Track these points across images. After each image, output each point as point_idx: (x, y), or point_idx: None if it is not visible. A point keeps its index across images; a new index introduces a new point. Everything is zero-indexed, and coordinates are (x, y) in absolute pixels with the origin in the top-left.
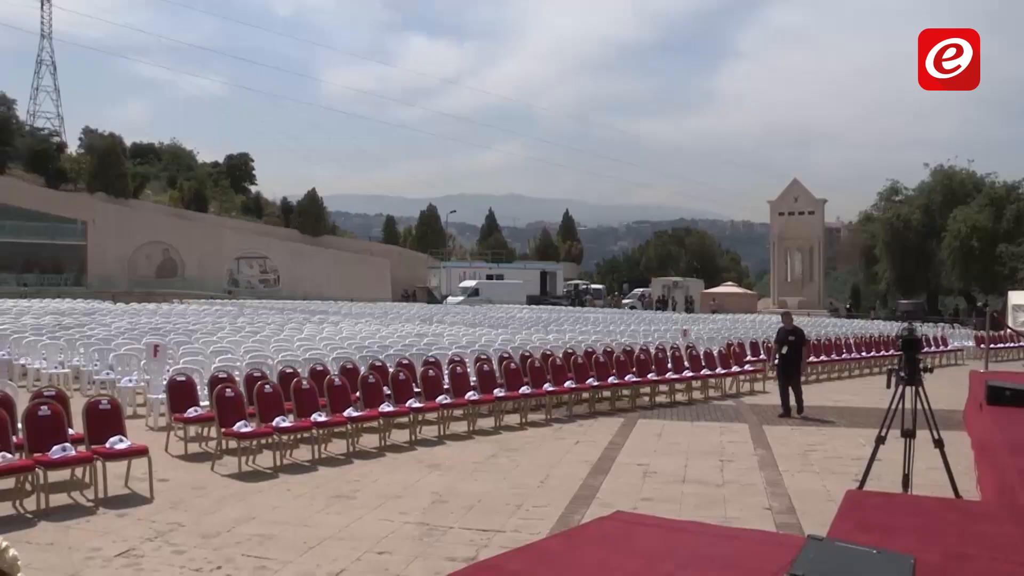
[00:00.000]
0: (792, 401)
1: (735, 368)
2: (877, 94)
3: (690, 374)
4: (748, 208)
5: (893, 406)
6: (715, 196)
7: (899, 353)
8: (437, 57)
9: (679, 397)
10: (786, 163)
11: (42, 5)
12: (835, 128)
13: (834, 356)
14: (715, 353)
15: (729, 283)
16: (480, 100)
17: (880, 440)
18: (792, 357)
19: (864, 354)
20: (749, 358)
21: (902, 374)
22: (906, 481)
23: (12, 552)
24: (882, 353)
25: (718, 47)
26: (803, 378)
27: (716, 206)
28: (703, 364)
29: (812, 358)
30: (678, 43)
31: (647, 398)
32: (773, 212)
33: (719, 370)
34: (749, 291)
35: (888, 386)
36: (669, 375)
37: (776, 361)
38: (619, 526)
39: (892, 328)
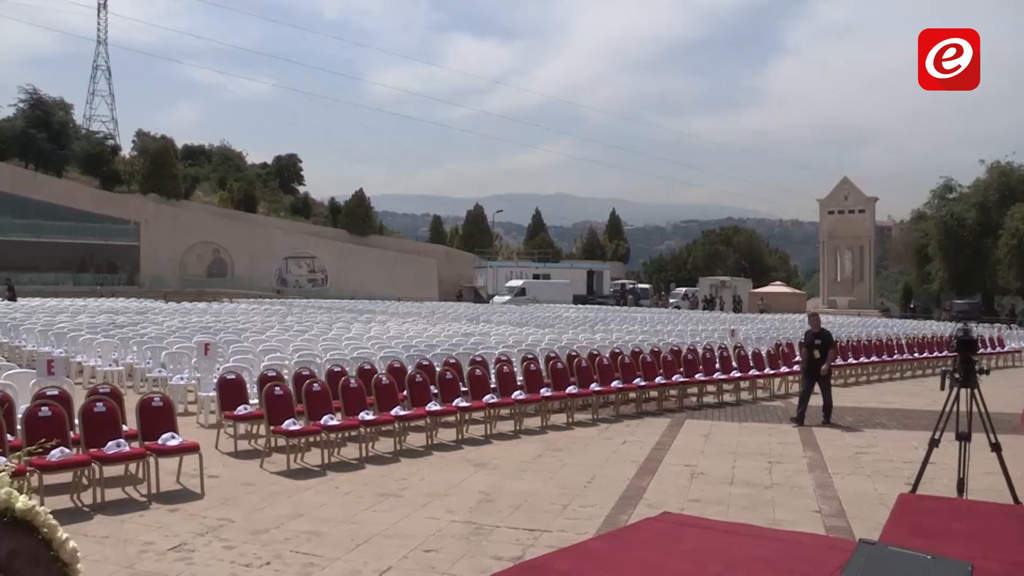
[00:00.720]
0: (809, 408)
1: (784, 368)
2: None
3: (738, 374)
4: (797, 207)
5: (947, 408)
6: (763, 194)
7: (954, 354)
8: (483, 57)
9: (727, 398)
10: (835, 161)
11: (98, 12)
12: (886, 125)
13: (885, 357)
14: (763, 353)
15: (777, 283)
16: (526, 100)
17: (934, 443)
18: (821, 361)
19: (916, 355)
20: (798, 359)
21: (957, 376)
22: (961, 485)
23: (72, 544)
24: (935, 354)
25: (766, 43)
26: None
27: (764, 205)
28: (751, 364)
29: (843, 360)
30: (726, 40)
31: (694, 398)
32: (822, 211)
33: (767, 370)
34: (798, 291)
35: (942, 388)
36: (717, 375)
37: (805, 364)
38: (666, 527)
39: (946, 328)
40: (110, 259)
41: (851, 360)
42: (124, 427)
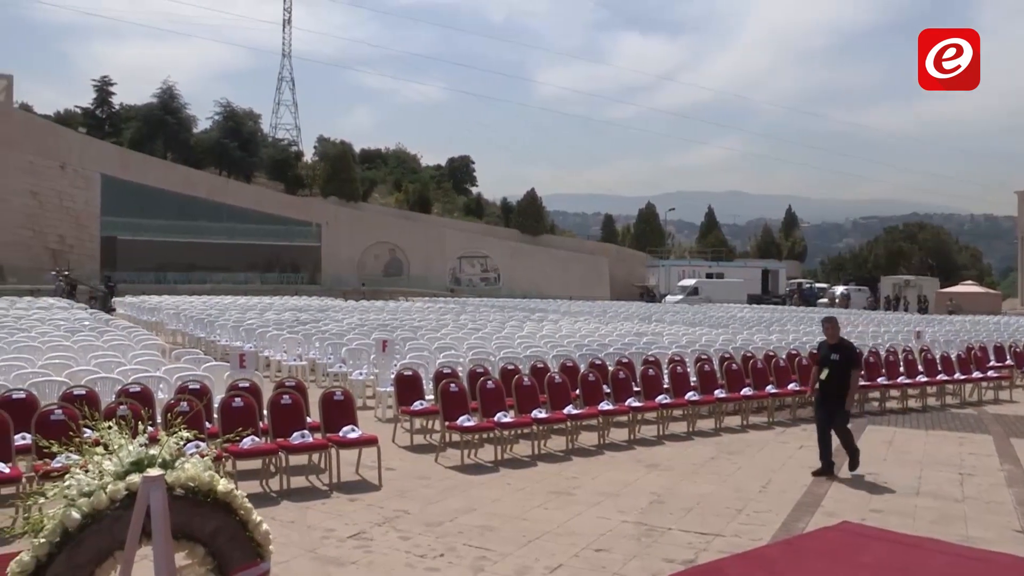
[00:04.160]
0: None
1: (976, 374)
2: None
3: (924, 379)
4: (990, 200)
5: None
6: (951, 188)
7: None
8: (650, 53)
9: (912, 403)
10: None
11: (283, 28)
12: None
13: None
14: (953, 357)
15: (968, 282)
16: (696, 95)
17: None
18: (836, 384)
19: None
20: (993, 363)
21: None
22: None
23: (265, 527)
24: None
25: (954, 24)
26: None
27: (953, 199)
28: (939, 369)
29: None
30: (906, 23)
31: (876, 403)
32: (1021, 203)
33: (958, 375)
34: (992, 290)
35: None
36: (901, 379)
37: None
38: (846, 537)
39: None
40: (294, 259)
41: None
42: (308, 419)
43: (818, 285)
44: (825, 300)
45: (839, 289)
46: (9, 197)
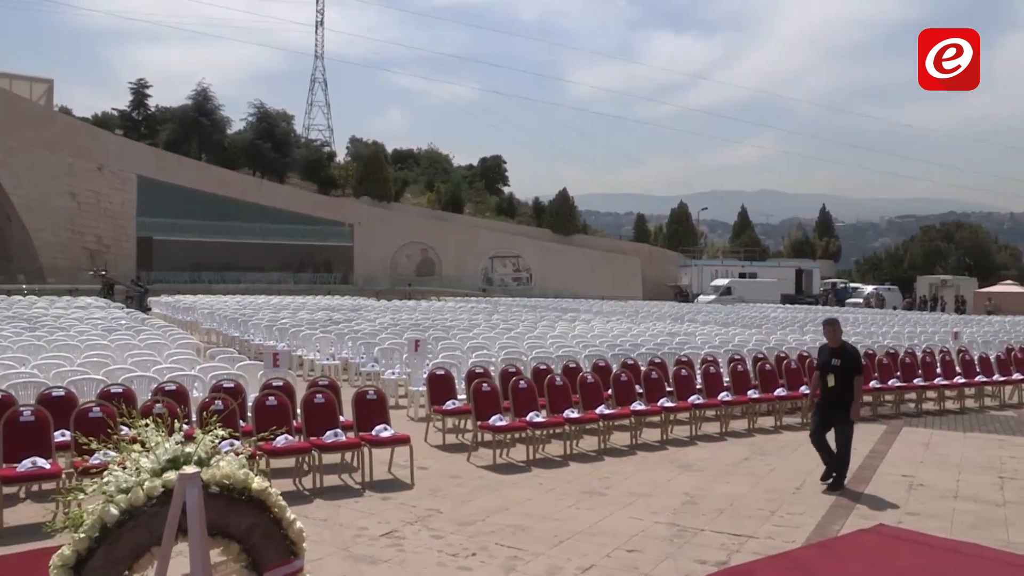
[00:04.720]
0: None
1: (1017, 375)
2: None
3: (962, 380)
4: None
5: None
6: (990, 186)
7: None
8: (683, 52)
9: (949, 405)
10: None
11: (316, 30)
12: None
13: None
14: (992, 358)
15: (1008, 282)
16: (730, 94)
17: None
18: (839, 391)
19: None
20: None
21: None
22: None
23: (299, 525)
24: None
25: (995, 18)
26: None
27: (992, 197)
28: (978, 370)
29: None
30: (947, 18)
31: (912, 404)
32: None
33: (997, 377)
34: None
35: None
36: (938, 380)
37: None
38: (882, 541)
39: None
40: (327, 259)
41: None
42: (340, 418)
43: (852, 285)
44: (859, 300)
45: (868, 288)
46: (49, 199)
